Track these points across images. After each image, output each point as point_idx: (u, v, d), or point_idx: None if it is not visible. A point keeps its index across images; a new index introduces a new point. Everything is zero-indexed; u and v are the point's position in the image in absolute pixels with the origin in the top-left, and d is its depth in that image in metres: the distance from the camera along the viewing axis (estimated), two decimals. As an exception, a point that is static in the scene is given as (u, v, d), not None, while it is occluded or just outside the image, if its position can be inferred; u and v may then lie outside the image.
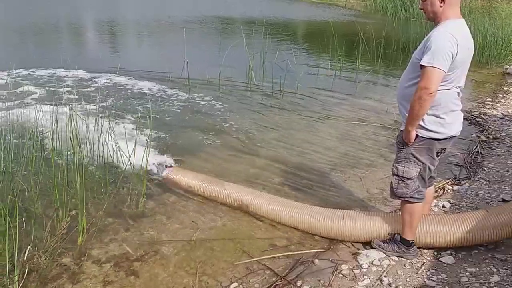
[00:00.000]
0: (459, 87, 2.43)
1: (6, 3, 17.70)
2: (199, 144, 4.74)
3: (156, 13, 18.11)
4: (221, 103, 6.32)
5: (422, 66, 2.28)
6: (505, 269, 2.51)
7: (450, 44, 2.24)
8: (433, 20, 2.41)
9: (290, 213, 3.12)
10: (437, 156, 2.56)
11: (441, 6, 2.34)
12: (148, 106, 5.84)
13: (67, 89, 6.92)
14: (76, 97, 6.24)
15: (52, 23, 14.25)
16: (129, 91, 6.96)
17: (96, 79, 7.74)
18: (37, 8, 16.77)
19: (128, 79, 7.66)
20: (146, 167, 3.72)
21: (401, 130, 2.55)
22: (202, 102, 6.33)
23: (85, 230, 3.00)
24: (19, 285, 2.47)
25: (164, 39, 12.51)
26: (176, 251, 2.90)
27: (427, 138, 2.45)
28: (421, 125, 2.43)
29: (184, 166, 4.09)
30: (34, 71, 7.97)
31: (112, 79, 7.69)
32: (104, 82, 7.53)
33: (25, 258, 2.64)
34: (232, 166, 4.24)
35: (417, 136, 2.46)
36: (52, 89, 6.81)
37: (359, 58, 8.90)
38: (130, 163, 3.94)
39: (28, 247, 2.69)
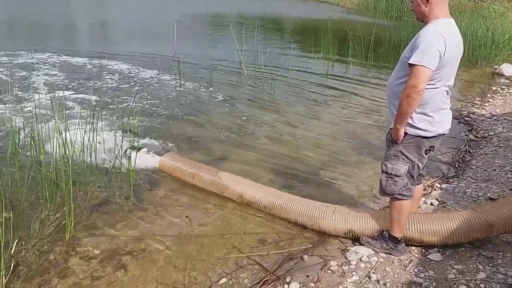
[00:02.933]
0: (448, 85, 2.45)
1: (6, 3, 17.55)
2: (188, 139, 4.71)
3: (156, 12, 18.05)
4: (211, 98, 6.31)
5: (410, 65, 2.30)
6: (491, 266, 2.54)
7: (438, 43, 2.26)
8: (422, 20, 2.44)
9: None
10: (426, 154, 2.58)
11: (426, 6, 2.36)
12: (136, 99, 5.82)
13: (55, 77, 6.88)
14: (64, 85, 6.21)
15: (51, 17, 14.22)
16: (120, 81, 6.94)
17: (85, 67, 7.72)
18: (37, 8, 16.68)
19: (122, 70, 7.64)
20: (135, 160, 3.70)
21: (391, 128, 2.56)
22: (193, 96, 6.31)
23: (73, 225, 2.97)
24: (5, 279, 2.44)
25: (159, 33, 12.45)
26: (166, 246, 2.89)
27: (416, 136, 2.48)
28: (409, 123, 2.45)
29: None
30: (19, 55, 7.91)
31: (102, 67, 7.66)
32: (93, 69, 7.50)
33: (11, 253, 2.61)
34: (222, 162, 4.22)
35: (406, 134, 2.48)
36: (39, 77, 6.76)
37: (351, 55, 8.94)
38: (119, 156, 3.92)
39: (15, 241, 2.66)
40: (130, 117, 4.89)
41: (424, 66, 2.25)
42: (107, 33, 12.65)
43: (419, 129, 2.46)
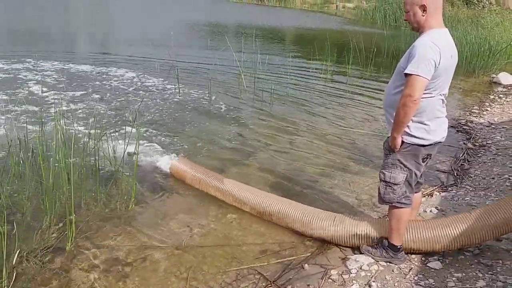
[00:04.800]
0: (443, 94, 2.50)
1: (6, 3, 17.76)
2: (187, 150, 4.73)
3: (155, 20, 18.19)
4: (210, 109, 6.35)
5: (406, 74, 2.34)
6: (491, 274, 2.55)
7: (433, 53, 2.30)
8: (417, 30, 2.48)
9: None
10: (423, 162, 2.61)
11: (423, 16, 2.41)
12: (136, 107, 5.85)
13: (55, 83, 6.92)
14: (63, 92, 6.24)
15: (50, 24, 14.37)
16: (120, 88, 7.00)
17: (85, 73, 7.77)
18: (37, 8, 16.86)
19: (121, 76, 7.71)
20: (136, 168, 3.72)
21: (388, 137, 2.60)
22: (192, 107, 6.35)
23: (74, 235, 2.98)
24: (7, 290, 2.45)
25: (158, 37, 12.56)
26: (167, 256, 2.90)
27: (413, 144, 2.51)
28: (406, 132, 2.49)
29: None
30: (17, 63, 7.96)
31: (102, 73, 7.71)
32: (93, 75, 7.55)
33: (13, 263, 2.62)
34: (221, 172, 4.24)
35: (403, 142, 2.52)
36: (38, 83, 6.80)
37: (350, 64, 9.01)
38: (120, 165, 3.94)
39: (17, 252, 2.67)
40: (131, 125, 4.92)
41: (420, 76, 2.29)
42: (106, 36, 12.77)
43: (416, 137, 2.49)
